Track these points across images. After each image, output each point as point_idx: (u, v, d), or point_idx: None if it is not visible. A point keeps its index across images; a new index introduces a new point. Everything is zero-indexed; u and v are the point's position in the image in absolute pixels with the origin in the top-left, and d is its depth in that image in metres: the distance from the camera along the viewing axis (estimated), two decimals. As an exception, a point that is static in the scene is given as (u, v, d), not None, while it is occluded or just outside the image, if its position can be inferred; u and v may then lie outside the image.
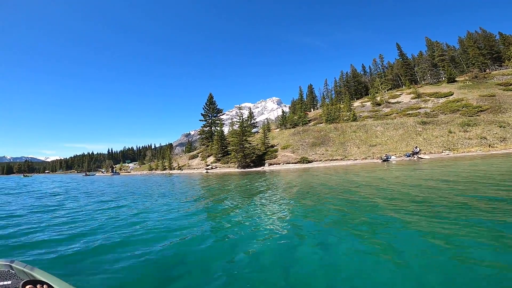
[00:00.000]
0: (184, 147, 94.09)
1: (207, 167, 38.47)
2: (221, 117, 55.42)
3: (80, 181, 31.83)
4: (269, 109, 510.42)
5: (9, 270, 1.63)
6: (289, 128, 44.28)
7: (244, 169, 31.97)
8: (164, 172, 51.85)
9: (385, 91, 50.70)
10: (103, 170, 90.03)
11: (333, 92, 70.93)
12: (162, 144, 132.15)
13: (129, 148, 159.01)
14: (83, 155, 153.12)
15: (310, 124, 44.22)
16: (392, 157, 24.80)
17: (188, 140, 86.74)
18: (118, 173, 63.72)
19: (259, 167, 31.70)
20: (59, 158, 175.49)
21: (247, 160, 32.22)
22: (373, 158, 26.92)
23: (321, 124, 42.17)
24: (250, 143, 33.83)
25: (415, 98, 41.85)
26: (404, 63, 63.04)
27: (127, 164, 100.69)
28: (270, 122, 65.23)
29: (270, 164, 31.30)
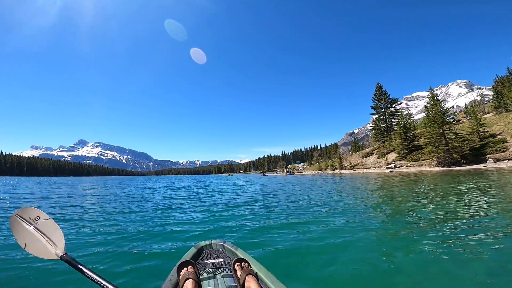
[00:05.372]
0: (350, 146, 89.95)
1: (389, 166, 33.32)
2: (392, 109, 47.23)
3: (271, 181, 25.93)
4: (454, 95, 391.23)
5: (222, 250, 1.97)
6: (512, 110, 30.16)
7: (447, 167, 24.36)
8: (335, 172, 51.32)
9: None
10: (278, 170, 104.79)
11: None
12: (327, 144, 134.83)
13: (298, 149, 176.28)
14: (264, 157, 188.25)
15: None
16: None
17: (354, 139, 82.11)
18: (293, 173, 70.74)
19: (474, 165, 22.89)
20: (248, 161, 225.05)
21: (454, 155, 24.29)
22: None
23: None
24: (456, 133, 25.30)
25: None
26: None
27: (297, 165, 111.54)
28: (464, 108, 47.58)
29: (498, 160, 21.67)
